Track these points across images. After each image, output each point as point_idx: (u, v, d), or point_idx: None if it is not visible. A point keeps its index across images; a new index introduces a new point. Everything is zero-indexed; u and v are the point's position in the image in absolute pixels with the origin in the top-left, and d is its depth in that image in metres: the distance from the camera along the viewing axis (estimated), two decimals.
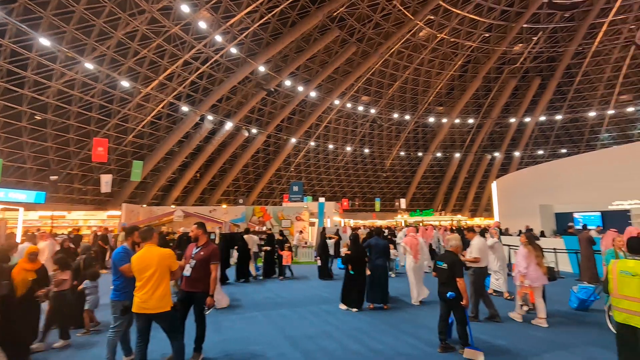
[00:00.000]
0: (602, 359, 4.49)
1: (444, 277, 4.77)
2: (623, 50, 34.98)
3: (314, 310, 6.94)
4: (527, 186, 20.61)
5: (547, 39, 35.79)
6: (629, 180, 13.99)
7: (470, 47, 36.56)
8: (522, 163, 43.79)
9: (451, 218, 40.36)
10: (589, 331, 5.60)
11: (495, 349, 4.87)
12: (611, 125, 40.27)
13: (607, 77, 37.72)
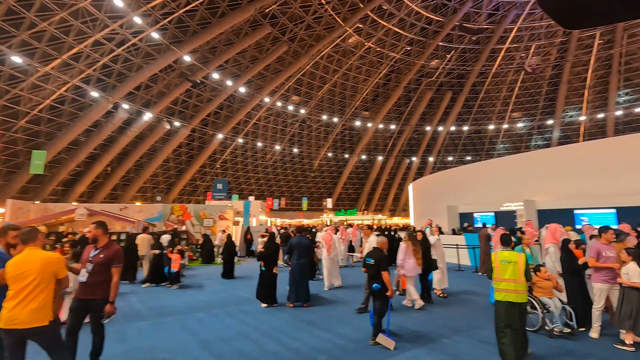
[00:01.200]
0: (490, 340, 5.16)
1: (372, 271, 5.15)
2: (516, 74, 40.86)
3: (232, 312, 6.75)
4: (437, 189, 22.85)
5: (458, 57, 40.08)
6: (516, 185, 16.37)
7: (393, 58, 39.18)
8: (435, 168, 48.34)
9: (372, 217, 42.81)
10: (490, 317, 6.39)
11: (408, 334, 5.26)
12: (505, 137, 46.72)
13: (503, 96, 43.68)
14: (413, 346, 4.91)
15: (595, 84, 39.65)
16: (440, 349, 4.82)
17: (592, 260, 5.17)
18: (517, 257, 4.43)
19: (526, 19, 34.50)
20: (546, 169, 15.70)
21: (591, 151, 15.31)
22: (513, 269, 4.35)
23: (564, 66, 38.72)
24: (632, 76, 37.73)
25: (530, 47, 37.87)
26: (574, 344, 4.94)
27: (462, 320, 6.18)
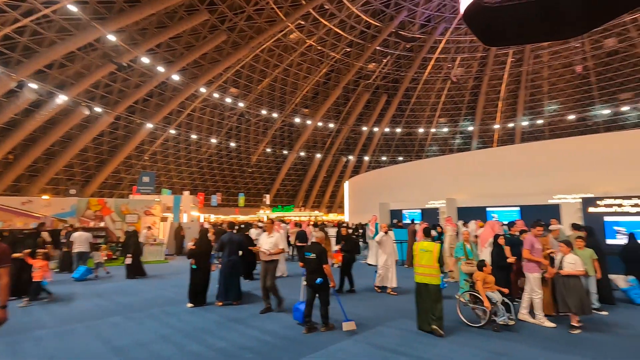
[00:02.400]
0: (415, 328, 5.52)
1: (312, 265, 5.29)
2: (443, 82, 44.38)
3: (154, 314, 6.31)
4: (371, 187, 23.90)
5: (394, 63, 42.26)
6: (440, 185, 17.81)
7: (334, 58, 39.94)
8: (370, 166, 50.50)
9: (310, 214, 43.32)
10: None
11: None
12: (433, 140, 50.56)
13: (432, 102, 47.19)
14: (341, 337, 5.05)
15: (507, 96, 44.75)
16: (365, 339, 5.03)
17: (527, 252, 5.69)
18: (433, 247, 5.31)
19: (453, 33, 37.59)
20: (465, 170, 17.34)
21: (501, 156, 17.28)
22: (429, 257, 5.26)
23: (483, 79, 43.05)
24: (535, 92, 43.36)
25: (456, 59, 41.39)
26: (528, 333, 5.50)
27: (388, 311, 6.52)
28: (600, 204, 10.60)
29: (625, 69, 37.31)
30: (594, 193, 12.14)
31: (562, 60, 39.34)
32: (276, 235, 6.49)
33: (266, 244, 6.40)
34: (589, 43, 36.39)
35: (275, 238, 6.44)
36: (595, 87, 39.79)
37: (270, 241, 6.42)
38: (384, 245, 7.87)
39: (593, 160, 13.65)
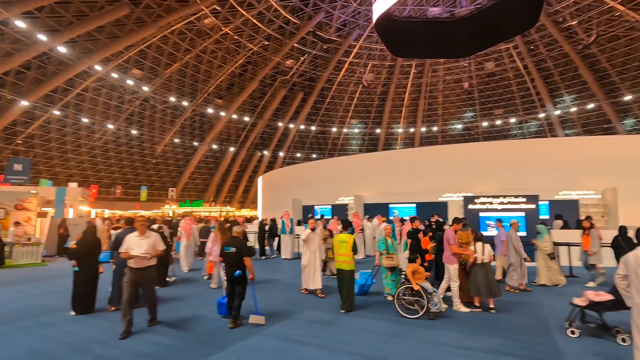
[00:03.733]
0: (318, 319, 5.75)
1: (233, 259, 5.39)
2: (355, 85, 46.96)
3: (27, 326, 5.39)
4: (285, 182, 24.07)
5: (311, 62, 43.13)
6: (349, 182, 18.86)
7: (251, 50, 38.95)
8: (285, 162, 50.81)
9: (221, 209, 41.69)
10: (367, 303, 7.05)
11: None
12: (344, 140, 53.20)
13: (345, 103, 49.58)
14: (250, 333, 5.01)
15: (410, 104, 49.53)
16: (274, 333, 5.09)
17: (454, 247, 6.29)
18: (349, 238, 6.35)
19: (366, 40, 40.00)
20: (371, 169, 18.69)
21: (402, 158, 19.08)
22: (345, 246, 6.28)
23: (390, 86, 46.85)
24: (432, 102, 48.93)
25: (368, 65, 44.18)
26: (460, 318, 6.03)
27: (292, 304, 6.69)
28: (477, 202, 12.51)
29: (499, 89, 44.58)
30: (473, 192, 14.27)
31: (454, 76, 45.09)
32: (153, 236, 5.44)
33: (140, 247, 5.19)
34: (474, 64, 42.43)
35: (153, 239, 5.38)
36: (477, 102, 46.64)
37: (145, 243, 5.26)
38: (309, 243, 7.29)
39: (473, 164, 16.03)
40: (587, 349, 4.51)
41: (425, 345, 4.66)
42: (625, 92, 36.14)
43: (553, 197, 14.31)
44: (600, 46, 34.77)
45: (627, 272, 3.58)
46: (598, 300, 4.84)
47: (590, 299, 4.92)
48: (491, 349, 4.53)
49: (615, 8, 30.62)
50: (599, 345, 4.60)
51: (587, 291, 5.10)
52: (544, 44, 37.43)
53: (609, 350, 4.45)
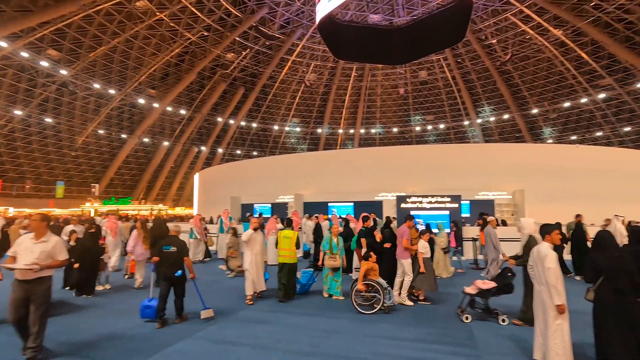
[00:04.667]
0: (250, 318, 5.67)
1: (172, 259, 5.31)
2: (298, 84, 47.09)
3: None
4: (223, 180, 23.31)
5: (253, 57, 42.24)
6: (289, 181, 18.89)
7: (189, 39, 36.93)
8: (224, 159, 49.13)
9: (152, 207, 38.92)
10: None
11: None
12: (286, 138, 53.08)
13: (287, 101, 49.47)
14: (178, 337, 4.77)
15: (350, 106, 51.08)
16: (206, 336, 4.92)
17: (405, 242, 6.57)
18: (292, 234, 6.87)
19: (309, 40, 40.32)
20: (311, 168, 18.93)
21: (341, 158, 19.63)
22: (289, 242, 6.79)
23: (332, 87, 47.85)
24: (371, 105, 51.05)
25: (310, 65, 44.58)
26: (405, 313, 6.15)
27: (228, 304, 6.52)
28: (408, 201, 13.37)
29: (430, 96, 48.06)
30: (405, 192, 15.21)
31: (391, 81, 47.53)
32: (53, 240, 4.17)
33: (30, 254, 3.96)
34: (410, 72, 45.19)
35: (52, 245, 4.13)
36: (411, 107, 49.74)
37: (38, 250, 4.02)
38: (252, 244, 6.74)
39: (406, 166, 17.07)
40: (496, 332, 5.09)
41: (358, 338, 4.87)
42: (532, 106, 41.39)
43: (473, 197, 15.85)
44: (514, 64, 39.33)
45: (532, 263, 4.13)
46: (485, 288, 5.48)
47: (479, 287, 5.52)
48: (416, 338, 4.90)
49: (526, 32, 34.85)
50: (505, 329, 5.22)
51: (476, 280, 5.72)
52: (469, 58, 41.19)
53: (515, 333, 5.07)
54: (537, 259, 3.94)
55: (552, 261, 3.78)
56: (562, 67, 36.99)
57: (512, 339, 4.85)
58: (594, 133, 39.16)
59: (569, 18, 31.18)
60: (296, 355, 4.33)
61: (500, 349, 4.52)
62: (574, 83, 37.52)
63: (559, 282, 3.71)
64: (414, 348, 4.57)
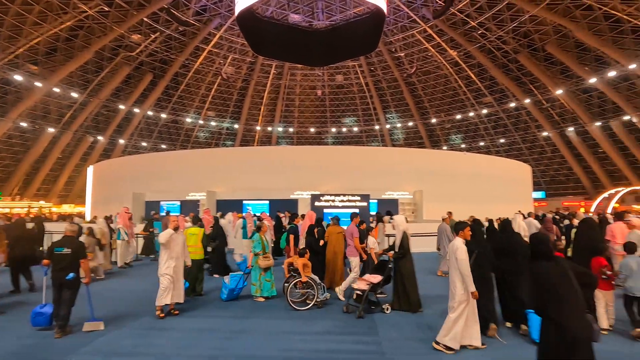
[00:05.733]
0: (151, 325, 5.21)
1: (66, 261, 4.82)
2: (214, 76, 44.86)
3: None
4: (124, 174, 20.91)
5: (163, 42, 38.80)
6: (201, 177, 17.88)
7: (84, 12, 32.22)
8: (126, 151, 44.19)
9: (30, 204, 32.97)
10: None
11: None
12: (200, 132, 50.13)
13: (202, 93, 46.76)
14: (69, 349, 4.14)
15: (268, 103, 50.62)
16: (98, 349, 4.37)
17: (357, 240, 6.82)
18: (198, 231, 7.08)
19: (227, 31, 38.71)
20: (225, 165, 18.24)
21: (257, 155, 19.36)
22: (195, 238, 6.92)
23: (250, 82, 46.79)
24: (290, 104, 51.41)
25: (228, 57, 42.87)
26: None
27: (126, 311, 5.92)
28: (322, 200, 13.81)
29: (345, 100, 50.46)
30: (319, 191, 15.68)
31: (309, 82, 48.52)
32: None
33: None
34: (327, 75, 46.73)
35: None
36: (328, 109, 51.53)
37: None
38: (171, 246, 5.78)
39: (320, 165, 17.62)
40: (395, 322, 5.57)
41: (267, 336, 4.85)
42: (432, 116, 46.54)
43: (380, 197, 17.14)
44: (418, 77, 43.68)
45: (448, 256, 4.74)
46: (376, 282, 5.78)
47: (370, 281, 5.79)
48: (323, 331, 5.09)
49: (429, 49, 39.01)
50: (405, 317, 5.76)
51: (365, 275, 6.09)
52: (381, 67, 44.38)
53: (416, 320, 5.62)
54: (451, 252, 4.50)
55: (463, 253, 4.31)
56: (456, 84, 42.36)
57: (409, 324, 5.37)
58: (478, 142, 45.77)
59: (462, 42, 35.87)
60: (198, 359, 4.12)
61: (399, 334, 4.96)
62: (464, 98, 43.29)
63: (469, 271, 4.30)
64: (322, 340, 4.75)
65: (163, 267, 5.70)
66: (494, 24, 33.16)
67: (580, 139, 37.59)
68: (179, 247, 5.89)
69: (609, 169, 37.37)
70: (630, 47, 28.70)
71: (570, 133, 37.59)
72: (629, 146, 34.10)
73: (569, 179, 41.66)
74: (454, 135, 47.82)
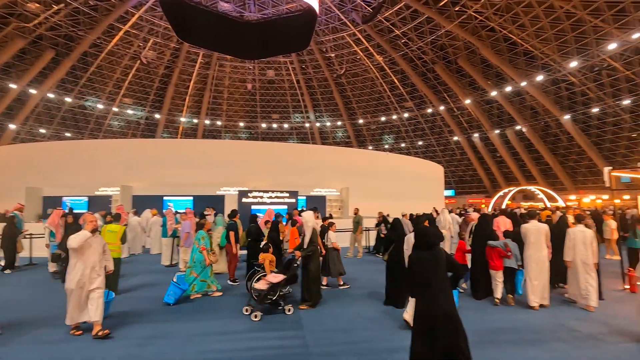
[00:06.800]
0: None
1: None
2: (132, 60, 40.80)
3: None
4: (14, 164, 17.87)
5: (69, 15, 34.06)
6: (114, 170, 16.16)
7: None
8: (18, 138, 37.92)
9: None
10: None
11: None
12: (115, 120, 45.22)
13: (117, 77, 42.18)
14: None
15: (195, 93, 47.81)
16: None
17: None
18: (118, 229, 6.91)
19: (149, 12, 35.51)
20: (144, 157, 16.77)
21: (180, 148, 18.18)
22: (114, 236, 6.76)
23: (174, 70, 43.62)
24: (218, 96, 49.23)
25: (149, 40, 39.35)
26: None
27: (17, 323, 5.11)
28: (250, 196, 13.55)
29: (277, 96, 50.06)
30: (247, 187, 15.34)
31: (239, 75, 47.02)
32: None
33: None
34: (258, 69, 45.81)
35: None
36: (258, 104, 50.58)
37: None
38: (85, 253, 4.76)
39: (248, 161, 17.23)
40: (321, 317, 5.72)
41: (185, 339, 4.60)
42: (359, 117, 48.67)
43: (309, 193, 17.40)
44: (348, 78, 45.29)
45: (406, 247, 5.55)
46: (276, 282, 5.64)
47: (270, 281, 5.62)
48: (247, 329, 5.01)
49: (357, 52, 40.66)
50: (331, 309, 5.94)
51: (268, 275, 5.87)
52: (312, 65, 44.95)
53: (342, 312, 5.82)
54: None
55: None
56: (381, 88, 44.90)
57: (329, 317, 5.56)
58: (400, 144, 49.21)
59: (388, 48, 38.12)
60: None
61: (320, 326, 5.10)
62: (389, 102, 46.14)
63: None
64: (244, 339, 4.66)
65: (74, 279, 4.63)
66: (416, 34, 35.88)
67: (483, 144, 42.80)
68: (96, 254, 4.87)
69: (504, 171, 43.24)
70: (522, 67, 33.49)
71: (476, 139, 42.58)
72: (520, 152, 39.87)
73: (473, 179, 47.18)
74: (378, 136, 50.66)
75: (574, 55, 29.03)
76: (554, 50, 30.06)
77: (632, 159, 32.37)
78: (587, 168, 36.47)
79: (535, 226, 6.15)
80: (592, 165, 35.44)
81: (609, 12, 25.10)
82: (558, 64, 30.69)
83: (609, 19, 25.55)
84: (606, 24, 25.92)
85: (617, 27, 25.51)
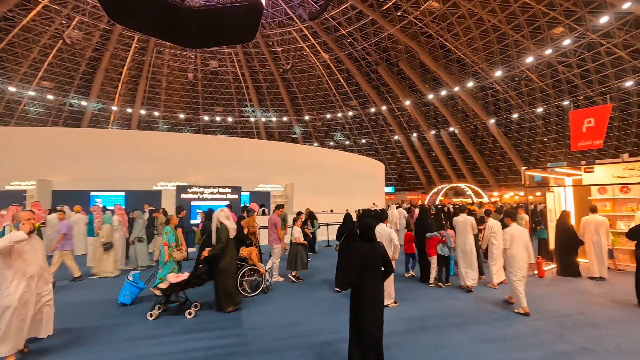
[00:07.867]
0: None
1: None
2: (53, 39, 36.39)
3: None
4: None
5: None
6: (28, 162, 14.34)
7: None
8: None
9: None
10: None
11: None
12: (31, 105, 40.03)
13: (35, 57, 37.33)
14: None
15: (128, 80, 44.12)
16: None
17: (280, 230, 7.72)
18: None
19: None
20: (67, 148, 15.14)
21: (110, 139, 16.69)
22: None
23: (104, 54, 39.81)
24: (155, 85, 46.01)
25: (74, 18, 35.40)
26: None
27: None
28: (189, 192, 12.91)
29: (220, 88, 48.22)
30: (187, 182, 14.61)
31: (179, 64, 44.39)
32: None
33: None
34: (200, 58, 43.67)
35: None
36: (200, 95, 48.28)
37: None
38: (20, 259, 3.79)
39: (188, 155, 16.41)
40: (264, 314, 5.66)
41: (116, 345, 4.27)
42: (305, 113, 48.85)
43: (253, 189, 17.10)
44: (294, 74, 45.13)
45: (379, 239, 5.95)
46: (176, 282, 5.32)
47: (171, 281, 5.34)
48: (180, 331, 4.79)
49: (304, 48, 40.67)
50: (273, 303, 5.89)
51: (168, 275, 5.62)
52: (258, 59, 44.02)
53: (278, 306, 5.79)
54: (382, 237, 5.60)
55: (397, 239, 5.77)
56: (327, 85, 45.50)
57: (274, 311, 5.54)
58: (345, 141, 50.40)
59: (334, 47, 38.69)
60: None
61: (263, 323, 5.06)
62: (334, 100, 46.93)
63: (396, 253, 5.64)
64: (177, 341, 4.45)
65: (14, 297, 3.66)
66: (361, 35, 36.88)
67: (420, 144, 45.56)
68: (38, 261, 3.92)
69: (439, 169, 46.54)
70: (455, 73, 36.19)
71: (414, 138, 45.16)
72: (452, 152, 43.15)
73: (411, 176, 50.07)
74: (324, 133, 51.35)
75: (499, 66, 32.10)
76: (482, 59, 32.93)
77: (544, 160, 36.85)
78: (508, 167, 40.72)
79: (463, 218, 7.05)
80: (512, 165, 39.64)
81: (527, 29, 28.13)
82: (485, 72, 33.71)
83: (528, 35, 28.65)
84: (525, 39, 29.03)
85: (534, 42, 28.72)
